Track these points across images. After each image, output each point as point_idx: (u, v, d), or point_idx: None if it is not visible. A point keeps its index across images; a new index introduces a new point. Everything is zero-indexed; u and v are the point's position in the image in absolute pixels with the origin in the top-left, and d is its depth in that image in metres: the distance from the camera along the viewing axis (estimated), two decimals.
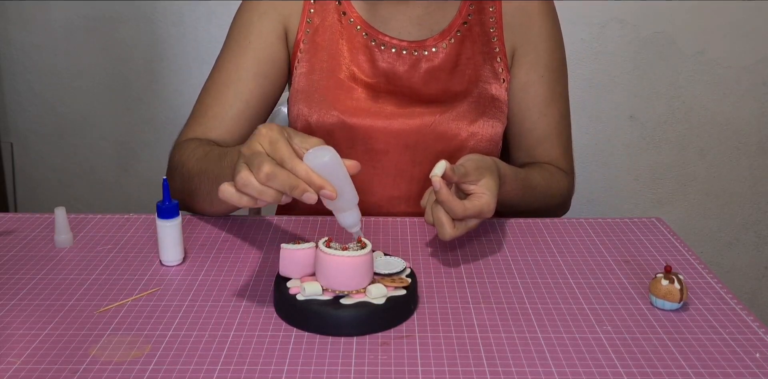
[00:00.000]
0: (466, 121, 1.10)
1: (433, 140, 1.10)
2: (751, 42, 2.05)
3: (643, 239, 0.99)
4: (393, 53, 1.11)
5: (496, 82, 1.13)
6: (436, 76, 1.11)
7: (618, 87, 2.09)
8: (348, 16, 1.12)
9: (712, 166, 2.16)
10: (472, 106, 1.11)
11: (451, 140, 1.10)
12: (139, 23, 2.07)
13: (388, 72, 1.11)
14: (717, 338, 0.75)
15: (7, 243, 0.97)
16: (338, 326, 0.75)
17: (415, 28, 1.13)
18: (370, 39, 1.12)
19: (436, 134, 1.09)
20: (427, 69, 1.11)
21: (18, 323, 0.78)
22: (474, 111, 1.10)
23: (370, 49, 1.11)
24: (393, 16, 1.12)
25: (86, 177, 2.23)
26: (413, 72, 1.11)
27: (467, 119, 1.10)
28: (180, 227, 0.90)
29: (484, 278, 0.88)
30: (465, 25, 1.13)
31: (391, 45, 1.11)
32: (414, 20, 1.12)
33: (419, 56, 1.11)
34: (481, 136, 1.11)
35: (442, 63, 1.11)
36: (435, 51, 1.12)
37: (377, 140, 1.09)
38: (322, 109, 1.09)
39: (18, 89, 2.15)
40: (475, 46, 1.13)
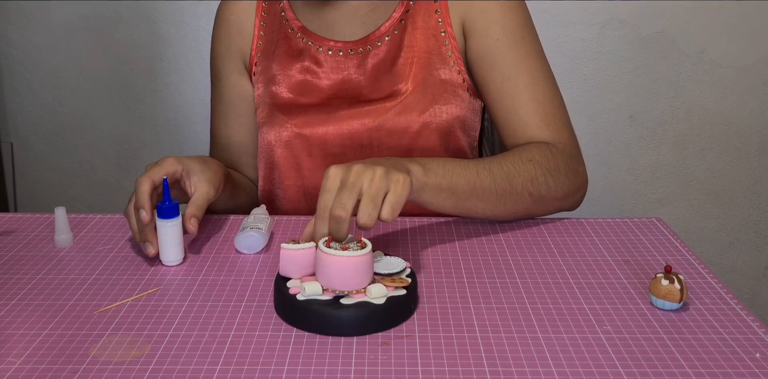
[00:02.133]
0: (416, 113, 1.08)
1: (386, 136, 1.09)
2: (751, 42, 2.05)
3: (643, 239, 0.99)
4: (340, 57, 1.11)
5: (444, 67, 1.09)
6: (381, 70, 1.10)
7: (618, 87, 2.09)
8: (295, 32, 1.14)
9: (712, 166, 2.16)
10: (419, 95, 1.08)
11: (404, 133, 1.09)
12: (139, 23, 2.07)
13: (337, 78, 1.11)
14: (717, 338, 0.75)
15: (7, 243, 0.97)
16: (338, 326, 0.75)
17: (361, 28, 1.12)
18: (315, 47, 1.12)
19: (388, 130, 1.09)
20: (373, 64, 1.11)
21: (18, 323, 0.78)
22: (422, 100, 1.08)
23: (317, 58, 1.12)
24: (337, 20, 1.13)
25: (86, 177, 2.23)
26: (361, 71, 1.11)
27: (416, 110, 1.08)
28: (180, 227, 0.90)
29: (484, 278, 0.88)
30: (407, 13, 1.11)
31: (337, 49, 1.12)
32: (358, 20, 1.12)
33: (365, 53, 1.11)
34: (437, 124, 1.08)
35: (386, 55, 1.11)
36: (380, 45, 1.11)
37: (332, 144, 1.10)
38: (276, 125, 1.12)
39: (18, 89, 2.15)
40: (418, 32, 1.10)
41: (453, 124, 1.10)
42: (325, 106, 1.11)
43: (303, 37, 1.13)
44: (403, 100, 1.08)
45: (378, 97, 1.10)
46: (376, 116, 1.08)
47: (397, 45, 1.10)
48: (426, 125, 1.08)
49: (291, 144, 1.11)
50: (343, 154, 1.10)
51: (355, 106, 1.10)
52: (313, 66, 1.12)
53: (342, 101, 1.11)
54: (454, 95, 1.09)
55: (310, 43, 1.12)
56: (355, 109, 1.10)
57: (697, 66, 2.07)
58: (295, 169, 1.13)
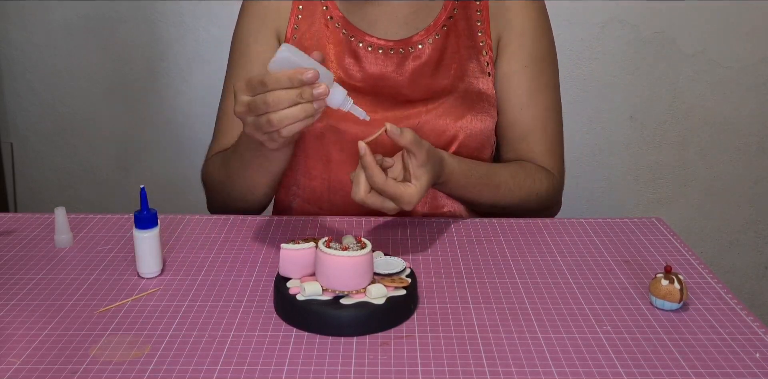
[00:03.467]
0: (453, 118, 1.09)
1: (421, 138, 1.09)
2: (751, 42, 2.05)
3: (643, 239, 0.99)
4: (380, 54, 1.11)
5: (482, 77, 1.11)
6: (422, 73, 1.11)
7: (618, 87, 2.09)
8: (334, 21, 1.12)
9: (712, 166, 2.16)
10: (458, 102, 1.09)
11: (439, 137, 1.09)
12: (139, 23, 2.07)
13: (375, 74, 1.11)
14: (717, 338, 0.75)
15: (7, 243, 0.97)
16: (338, 326, 0.75)
17: (402, 28, 1.12)
18: (356, 41, 1.11)
19: (424, 133, 1.08)
20: (414, 67, 1.11)
21: (18, 323, 0.78)
22: (460, 107, 1.09)
23: (356, 52, 1.11)
24: (379, 17, 1.12)
25: (86, 177, 2.23)
26: (400, 71, 1.11)
27: (453, 115, 1.09)
28: (158, 238, 0.87)
29: (484, 278, 0.88)
30: (450, 20, 1.12)
31: (377, 46, 1.11)
32: (400, 20, 1.12)
33: (405, 54, 1.11)
34: (470, 131, 1.09)
35: (428, 59, 1.11)
36: (421, 47, 1.11)
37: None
38: None
39: (18, 89, 2.15)
40: (461, 40, 1.12)
41: (484, 134, 1.11)
42: (364, 102, 1.09)
43: (343, 29, 1.12)
44: (442, 104, 1.09)
45: (417, 99, 1.10)
46: (415, 118, 1.09)
47: (440, 50, 1.11)
48: (461, 131, 1.09)
49: (323, 136, 1.10)
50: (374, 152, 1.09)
51: (394, 108, 1.10)
52: (351, 59, 1.11)
53: (380, 100, 1.10)
54: (489, 106, 1.12)
55: (351, 37, 1.11)
56: (393, 111, 1.09)
57: (697, 66, 2.07)
58: (324, 162, 1.12)
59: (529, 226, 1.03)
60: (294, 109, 0.83)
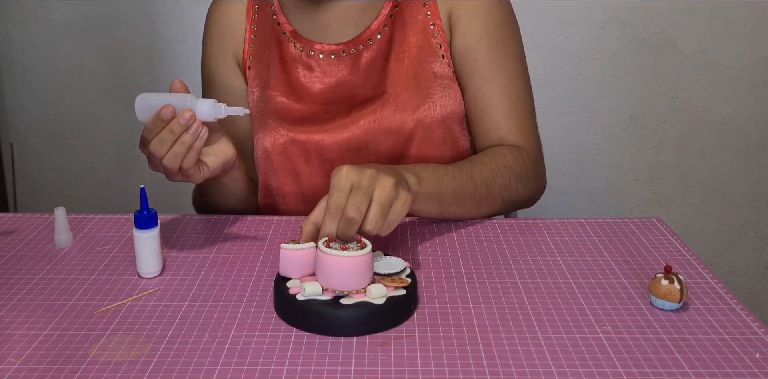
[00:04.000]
0: (409, 110, 1.07)
1: (381, 137, 1.08)
2: (751, 42, 2.05)
3: (643, 239, 0.99)
4: (333, 60, 1.10)
5: (436, 60, 1.09)
6: (375, 67, 1.10)
7: (618, 87, 2.09)
8: (287, 36, 1.13)
9: (712, 166, 2.16)
10: (412, 92, 1.07)
11: (399, 132, 1.08)
12: (139, 23, 2.07)
13: (331, 81, 1.10)
14: (717, 338, 0.75)
15: (7, 243, 0.97)
16: (338, 326, 0.75)
17: (352, 29, 1.12)
18: (307, 52, 1.11)
19: (383, 130, 1.08)
20: (366, 64, 1.10)
21: (18, 323, 0.78)
22: (415, 97, 1.07)
23: (308, 63, 1.11)
24: (329, 22, 1.12)
25: (86, 177, 2.23)
26: (355, 71, 1.10)
27: (409, 108, 1.07)
28: (158, 238, 0.87)
29: (484, 278, 0.88)
30: (396, 8, 1.11)
31: (329, 52, 1.11)
32: (350, 21, 1.12)
33: (357, 53, 1.10)
34: (431, 120, 1.07)
35: (378, 52, 1.10)
36: (371, 43, 1.10)
37: (329, 150, 1.09)
38: (271, 131, 1.10)
39: (18, 89, 2.15)
40: (407, 26, 1.10)
41: (449, 119, 1.09)
42: (321, 112, 1.10)
43: (294, 42, 1.12)
44: (396, 98, 1.08)
45: (371, 96, 1.09)
46: (371, 117, 1.08)
47: (388, 42, 1.10)
48: (420, 121, 1.07)
49: (287, 150, 1.10)
50: (340, 160, 1.10)
51: (351, 111, 1.09)
52: (305, 71, 1.11)
53: (337, 106, 1.10)
54: (448, 88, 1.09)
55: (301, 48, 1.12)
56: (350, 114, 1.09)
57: (697, 66, 2.07)
58: (293, 175, 1.12)
59: (529, 226, 1.03)
60: (175, 147, 0.87)
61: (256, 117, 1.13)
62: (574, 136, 2.10)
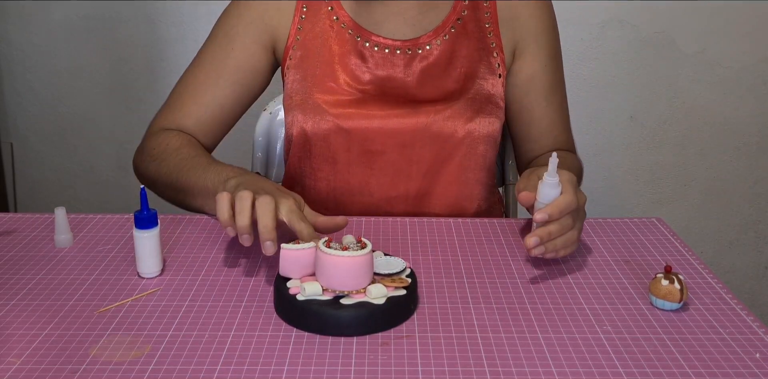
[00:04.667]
0: (463, 120, 1.09)
1: (429, 139, 1.09)
2: (751, 42, 2.05)
3: (643, 239, 0.99)
4: (386, 54, 1.11)
5: (492, 78, 1.12)
6: (430, 75, 1.11)
7: (618, 87, 2.09)
8: (340, 21, 1.12)
9: (712, 166, 2.16)
10: (468, 103, 1.10)
11: (448, 139, 1.10)
12: (139, 23, 2.07)
13: (382, 74, 1.11)
14: (717, 338, 0.75)
15: (7, 243, 0.97)
16: (338, 326, 0.75)
17: (410, 29, 1.12)
18: (362, 41, 1.11)
19: (432, 133, 1.09)
20: (422, 68, 1.11)
21: (18, 323, 0.78)
22: (470, 109, 1.10)
23: (362, 53, 1.11)
24: (386, 18, 1.12)
25: (86, 177, 2.23)
26: (408, 72, 1.11)
27: (463, 118, 1.09)
28: (158, 238, 0.87)
29: (484, 278, 0.88)
30: (459, 22, 1.12)
31: (384, 46, 1.11)
32: (408, 21, 1.12)
33: (413, 55, 1.11)
34: (478, 133, 1.10)
35: (436, 60, 1.11)
36: (429, 49, 1.11)
37: (373, 141, 1.09)
38: (316, 115, 1.10)
39: (18, 89, 2.15)
40: (470, 42, 1.12)
41: (491, 136, 1.12)
42: (371, 103, 1.10)
43: (349, 30, 1.12)
44: (451, 106, 1.09)
45: (426, 100, 1.10)
46: (425, 117, 1.09)
47: (448, 52, 1.11)
48: (470, 133, 1.10)
49: (329, 137, 1.10)
50: (383, 152, 1.10)
51: (402, 107, 1.10)
52: (357, 60, 1.11)
53: (387, 100, 1.10)
54: (497, 108, 1.13)
55: (358, 37, 1.11)
56: (401, 111, 1.09)
57: (697, 66, 2.07)
58: (330, 163, 1.12)
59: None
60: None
61: (297, 98, 1.11)
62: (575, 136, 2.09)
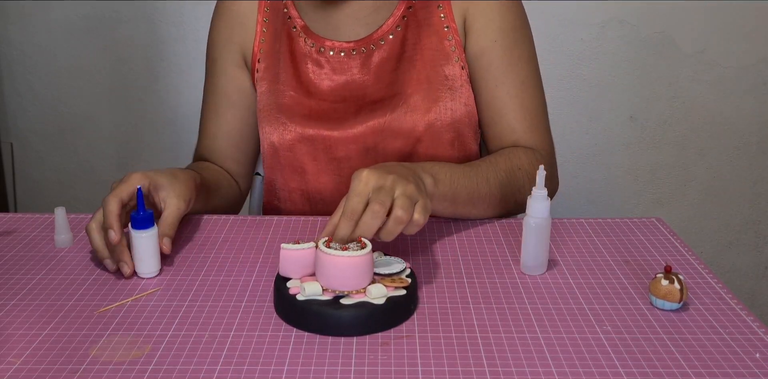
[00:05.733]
0: (420, 112, 1.07)
1: (391, 138, 1.08)
2: (751, 42, 2.05)
3: (643, 239, 0.99)
4: (343, 57, 1.10)
5: (447, 63, 1.09)
6: (385, 68, 1.09)
7: (618, 87, 2.09)
8: (297, 30, 1.13)
9: (712, 167, 2.16)
10: (423, 94, 1.07)
11: (409, 134, 1.08)
12: (139, 23, 2.07)
13: (340, 79, 1.10)
14: (717, 338, 0.75)
15: (7, 243, 0.97)
16: (338, 326, 0.75)
17: (364, 28, 1.11)
18: (317, 48, 1.11)
19: (392, 132, 1.08)
20: (377, 62, 1.10)
21: (18, 323, 0.78)
22: (426, 99, 1.07)
23: (317, 59, 1.11)
24: (341, 20, 1.12)
25: (86, 177, 2.23)
26: (365, 70, 1.10)
27: (420, 110, 1.07)
28: (156, 238, 0.87)
29: (484, 278, 0.88)
30: (410, 10, 1.10)
31: (339, 49, 1.10)
32: (362, 20, 1.11)
33: (368, 52, 1.10)
34: (441, 123, 1.08)
35: (390, 53, 1.09)
36: (383, 43, 1.10)
37: (337, 148, 1.09)
38: (280, 126, 1.10)
39: (18, 89, 2.15)
40: (421, 28, 1.10)
41: (459, 122, 1.09)
42: (330, 110, 1.10)
43: (305, 37, 1.12)
44: (407, 99, 1.07)
45: (382, 97, 1.09)
46: (381, 117, 1.08)
47: (401, 42, 1.10)
48: (431, 125, 1.07)
49: (295, 147, 1.10)
50: (348, 158, 1.10)
51: (361, 110, 1.09)
52: (314, 67, 1.11)
53: (347, 105, 1.10)
54: (459, 92, 1.09)
55: (312, 44, 1.11)
56: (360, 113, 1.09)
57: (697, 66, 2.07)
58: (299, 172, 1.12)
59: None
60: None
61: (264, 111, 1.13)
62: (574, 136, 2.09)
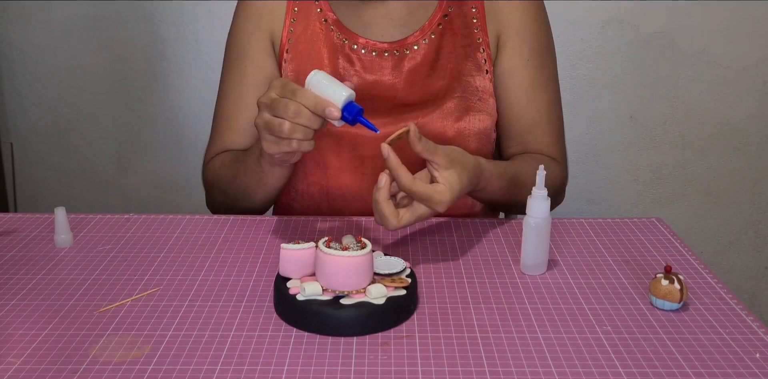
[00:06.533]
0: (452, 119, 1.08)
1: None
2: (751, 42, 2.05)
3: (643, 239, 0.99)
4: (374, 57, 1.10)
5: (479, 75, 1.10)
6: (417, 74, 1.10)
7: (618, 87, 2.09)
8: (328, 23, 1.12)
9: (712, 167, 2.16)
10: (456, 102, 1.09)
11: (438, 139, 1.06)
12: (139, 23, 2.07)
13: (370, 78, 1.10)
14: (717, 338, 0.75)
15: (7, 243, 0.97)
16: (338, 326, 0.75)
17: (398, 30, 1.11)
18: (350, 44, 1.10)
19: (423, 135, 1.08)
20: (410, 68, 1.10)
21: (18, 323, 0.78)
22: (459, 107, 1.09)
23: (350, 56, 1.10)
24: (374, 19, 1.11)
25: (86, 177, 2.23)
26: (396, 73, 1.10)
27: (452, 117, 1.08)
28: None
29: (484, 278, 0.88)
30: (446, 18, 1.11)
31: (372, 48, 1.10)
32: (396, 21, 1.11)
33: (401, 56, 1.10)
34: (469, 131, 1.09)
35: (423, 59, 1.10)
36: (417, 48, 1.10)
37: (363, 146, 1.09)
38: None
39: (18, 89, 2.15)
40: (456, 38, 1.10)
41: (483, 133, 1.11)
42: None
43: (337, 32, 1.11)
44: (441, 105, 1.09)
45: (414, 102, 1.09)
46: (413, 120, 1.08)
47: (435, 50, 1.10)
48: (460, 132, 1.09)
49: (319, 141, 1.08)
50: (374, 157, 1.09)
51: (393, 111, 1.09)
52: (345, 63, 1.10)
53: (375, 104, 1.09)
54: (487, 104, 1.11)
55: (345, 40, 1.11)
56: (389, 112, 1.09)
57: (697, 66, 2.07)
58: (321, 167, 1.11)
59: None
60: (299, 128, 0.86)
61: None
62: (574, 136, 2.09)
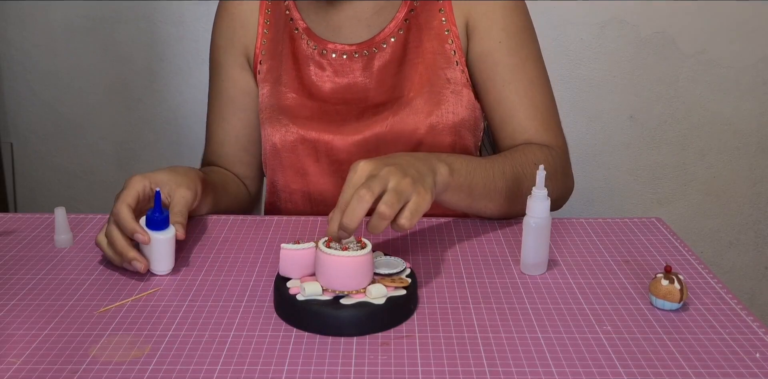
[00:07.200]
0: (422, 115, 1.07)
1: (393, 141, 1.08)
2: (751, 42, 2.05)
3: (643, 239, 0.99)
4: (345, 60, 1.10)
5: (449, 67, 1.08)
6: (387, 72, 1.09)
7: (618, 87, 2.09)
8: (300, 33, 1.13)
9: (712, 166, 2.16)
10: (426, 97, 1.07)
11: (411, 137, 1.07)
12: (139, 23, 2.07)
13: (342, 82, 1.10)
14: (717, 338, 0.75)
15: (7, 243, 0.97)
16: (338, 326, 0.75)
17: (366, 31, 1.11)
18: (320, 50, 1.11)
19: (395, 135, 1.08)
20: (379, 66, 1.09)
21: (18, 323, 0.78)
22: (429, 102, 1.07)
23: (320, 61, 1.11)
24: (343, 22, 1.12)
25: (86, 177, 2.23)
26: (367, 73, 1.10)
27: (423, 113, 1.07)
28: (173, 238, 0.87)
29: (484, 278, 0.88)
30: (412, 13, 1.10)
31: (341, 52, 1.10)
32: (363, 22, 1.11)
33: (371, 55, 1.10)
34: (443, 126, 1.07)
35: (392, 57, 1.09)
36: (385, 47, 1.10)
37: (339, 151, 1.09)
38: (282, 127, 1.10)
39: (18, 89, 2.15)
40: (422, 32, 1.09)
41: (460, 125, 1.09)
42: (332, 112, 1.10)
43: (307, 40, 1.12)
44: (410, 102, 1.08)
45: (384, 100, 1.09)
46: (383, 121, 1.08)
47: (403, 46, 1.10)
48: (433, 127, 1.07)
49: (296, 148, 1.10)
50: (350, 161, 1.09)
51: (364, 113, 1.09)
52: (317, 69, 1.11)
53: (349, 107, 1.10)
54: (460, 95, 1.09)
55: (314, 47, 1.11)
56: (363, 117, 1.09)
57: (697, 66, 2.07)
58: (301, 174, 1.12)
59: None
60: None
61: (266, 112, 1.13)
62: (574, 136, 2.10)
